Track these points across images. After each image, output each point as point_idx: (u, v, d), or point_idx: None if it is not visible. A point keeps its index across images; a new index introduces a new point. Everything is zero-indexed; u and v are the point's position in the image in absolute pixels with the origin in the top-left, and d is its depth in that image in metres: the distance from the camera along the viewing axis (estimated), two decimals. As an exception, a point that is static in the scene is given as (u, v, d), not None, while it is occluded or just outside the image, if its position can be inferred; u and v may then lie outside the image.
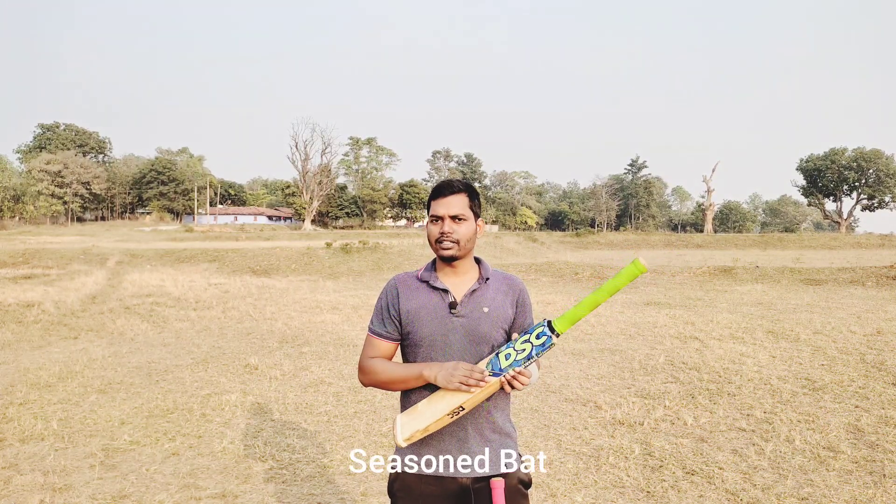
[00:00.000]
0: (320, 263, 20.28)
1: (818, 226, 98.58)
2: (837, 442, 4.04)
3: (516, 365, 1.60)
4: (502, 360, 1.61)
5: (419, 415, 1.65)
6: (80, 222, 64.54)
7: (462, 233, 1.74)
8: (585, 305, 1.61)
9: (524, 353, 1.60)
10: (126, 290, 12.68)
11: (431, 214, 1.78)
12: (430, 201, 1.79)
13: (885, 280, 14.59)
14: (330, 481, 3.58)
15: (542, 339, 1.60)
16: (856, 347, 6.87)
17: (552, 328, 1.61)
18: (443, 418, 1.61)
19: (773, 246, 39.71)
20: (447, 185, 1.78)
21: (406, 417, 1.66)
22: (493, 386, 1.62)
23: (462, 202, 1.76)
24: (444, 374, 1.63)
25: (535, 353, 1.59)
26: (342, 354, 6.91)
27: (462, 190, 1.77)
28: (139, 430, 4.39)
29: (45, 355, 7.00)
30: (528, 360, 1.60)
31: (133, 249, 22.01)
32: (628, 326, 8.48)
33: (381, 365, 1.77)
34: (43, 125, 73.69)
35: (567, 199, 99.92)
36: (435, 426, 1.62)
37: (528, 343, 1.61)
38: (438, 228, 1.76)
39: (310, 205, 63.29)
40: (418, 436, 1.63)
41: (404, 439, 1.62)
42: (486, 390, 1.61)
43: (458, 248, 1.74)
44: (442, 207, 1.75)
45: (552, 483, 3.50)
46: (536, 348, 1.60)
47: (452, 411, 1.61)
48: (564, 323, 1.62)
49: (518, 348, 1.61)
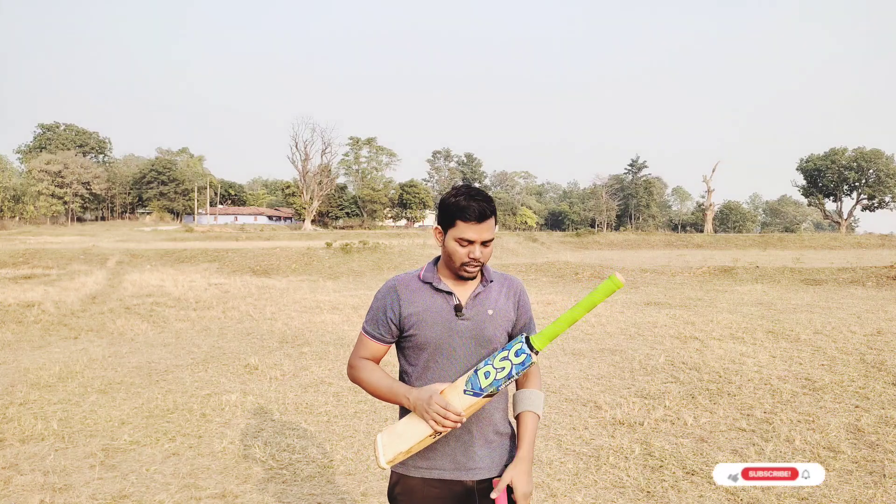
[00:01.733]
0: (320, 263, 20.28)
1: (818, 226, 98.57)
2: (837, 442, 4.04)
3: (496, 384, 1.58)
4: (482, 379, 1.59)
5: (399, 436, 1.62)
6: (80, 222, 64.54)
7: (487, 255, 1.72)
8: (563, 322, 1.60)
9: (504, 371, 1.58)
10: (126, 290, 12.68)
11: (460, 237, 1.68)
12: (457, 219, 1.68)
13: (885, 280, 14.59)
14: (330, 481, 3.58)
15: (521, 357, 1.58)
16: (856, 347, 6.87)
17: (530, 345, 1.60)
18: (425, 439, 1.60)
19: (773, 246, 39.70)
20: (480, 210, 1.66)
21: (387, 438, 1.64)
22: (476, 406, 1.60)
23: (492, 226, 1.70)
24: (420, 406, 1.62)
25: (515, 373, 1.58)
26: (342, 354, 6.91)
27: (493, 214, 1.70)
28: (139, 430, 4.39)
29: (45, 355, 7.00)
30: (508, 380, 1.58)
31: (133, 249, 22.00)
32: (628, 326, 8.48)
33: (369, 373, 1.77)
34: (43, 125, 73.74)
35: (567, 199, 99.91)
36: (418, 447, 1.61)
37: (507, 361, 1.59)
38: (468, 252, 1.69)
39: (310, 205, 63.29)
40: (401, 457, 1.61)
41: (387, 461, 1.60)
42: (468, 412, 1.60)
43: (480, 267, 1.74)
44: (474, 233, 1.67)
45: (552, 483, 3.50)
46: (516, 367, 1.58)
47: (435, 431, 1.59)
48: (543, 340, 1.60)
49: (497, 366, 1.59)
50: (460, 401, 1.59)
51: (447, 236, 1.72)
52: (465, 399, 1.59)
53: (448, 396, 1.61)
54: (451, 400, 1.60)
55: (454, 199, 1.69)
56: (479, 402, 1.60)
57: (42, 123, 73.77)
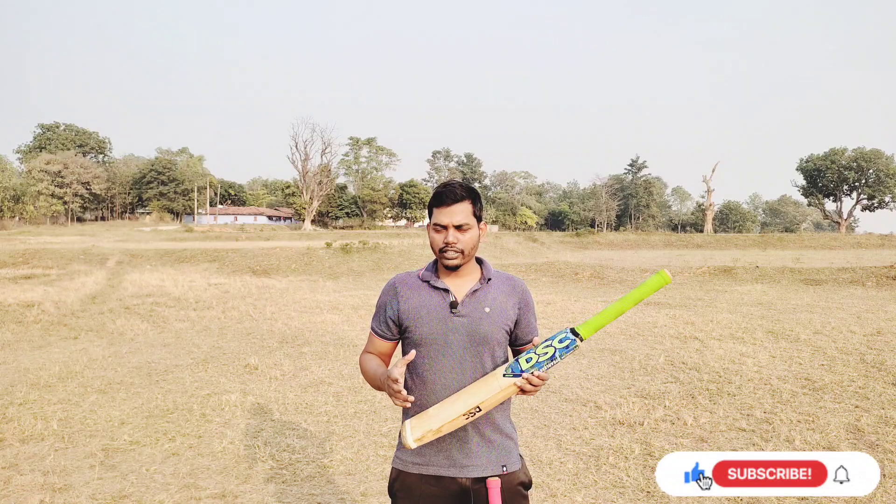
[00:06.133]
0: (320, 263, 20.27)
1: (818, 226, 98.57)
2: (837, 442, 4.04)
3: (538, 367, 1.59)
4: (523, 363, 1.61)
5: (429, 417, 1.64)
6: (80, 222, 64.50)
7: (466, 241, 1.72)
8: (610, 313, 1.62)
9: (546, 355, 1.60)
10: (126, 290, 12.68)
11: (434, 223, 1.73)
12: (433, 207, 1.74)
13: (885, 280, 14.59)
14: (330, 481, 3.58)
15: (565, 343, 1.61)
16: (856, 347, 6.87)
17: (575, 333, 1.62)
18: (458, 419, 1.61)
19: (773, 246, 39.70)
20: (450, 193, 1.71)
21: (416, 421, 1.66)
22: (511, 389, 1.61)
23: (465, 210, 1.71)
24: (382, 381, 1.71)
25: (559, 355, 1.60)
26: (342, 354, 6.91)
27: (465, 197, 1.72)
28: (139, 430, 4.39)
29: (45, 355, 7.00)
30: (552, 362, 1.60)
31: (133, 249, 21.99)
32: (628, 326, 8.48)
33: (366, 364, 1.83)
34: (43, 125, 73.65)
35: (567, 199, 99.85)
36: (448, 427, 1.62)
37: (550, 347, 1.61)
38: (442, 238, 1.72)
39: (310, 205, 63.28)
40: (430, 437, 1.62)
41: (415, 440, 1.61)
42: (504, 392, 1.61)
43: (462, 257, 1.73)
44: (445, 216, 1.70)
45: (552, 483, 3.50)
46: (560, 350, 1.60)
47: (469, 412, 1.61)
48: (588, 329, 1.63)
49: (540, 352, 1.61)
50: (498, 383, 1.62)
51: (429, 228, 1.78)
52: (503, 381, 1.62)
53: (486, 382, 1.64)
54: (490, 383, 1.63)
55: (433, 193, 1.76)
56: (514, 386, 1.61)
57: (42, 123, 73.68)
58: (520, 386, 1.60)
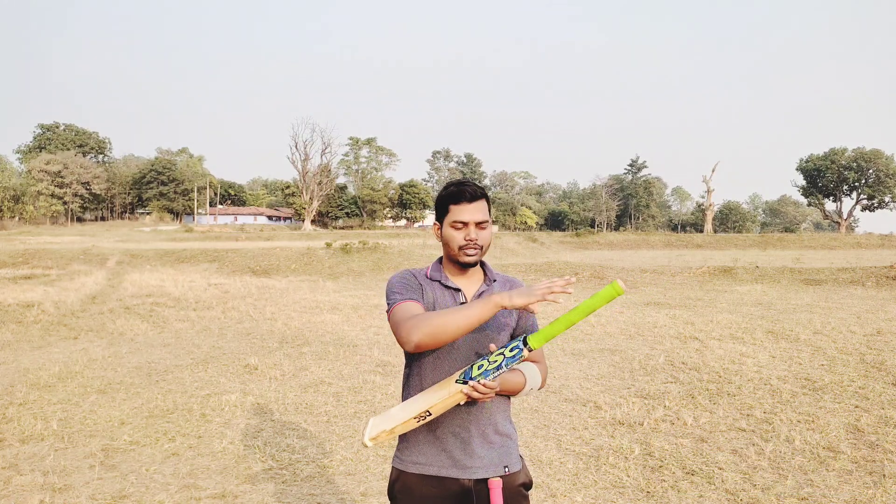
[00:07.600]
0: (320, 263, 20.27)
1: (818, 226, 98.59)
2: (837, 442, 4.04)
3: (485, 375, 1.60)
4: (474, 370, 1.63)
5: (389, 417, 1.66)
6: (80, 222, 64.50)
7: (485, 238, 1.75)
8: (561, 323, 1.61)
9: (495, 364, 1.62)
10: (126, 290, 12.68)
11: (454, 220, 1.73)
12: (449, 205, 1.74)
13: (885, 280, 14.59)
14: (330, 481, 3.58)
15: (514, 352, 1.62)
16: (856, 347, 6.88)
17: (526, 343, 1.63)
18: (409, 421, 1.62)
19: (773, 246, 39.70)
20: (470, 191, 1.73)
21: (378, 419, 1.68)
22: (458, 395, 1.62)
23: (484, 208, 1.75)
24: (526, 291, 1.54)
25: (506, 364, 1.62)
26: (342, 354, 6.91)
27: (483, 195, 1.76)
28: (139, 430, 4.39)
29: (45, 355, 7.00)
30: (498, 371, 1.61)
31: (133, 249, 21.99)
32: (628, 326, 8.48)
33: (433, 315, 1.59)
34: (43, 125, 73.62)
35: (567, 199, 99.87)
36: (401, 428, 1.63)
37: (500, 356, 1.64)
38: (464, 235, 1.73)
39: (310, 205, 63.27)
40: (384, 437, 1.63)
41: (370, 438, 1.62)
42: (452, 398, 1.61)
43: (480, 253, 1.76)
44: (467, 214, 1.72)
45: (552, 483, 3.50)
46: (508, 360, 1.62)
47: (419, 415, 1.62)
48: (538, 339, 1.63)
49: (491, 360, 1.64)
50: (448, 389, 1.63)
51: (444, 226, 1.76)
52: (454, 387, 1.63)
53: (441, 386, 1.65)
54: (445, 388, 1.63)
55: (445, 191, 1.76)
56: (461, 393, 1.60)
57: (42, 123, 73.62)
58: (466, 393, 1.59)
